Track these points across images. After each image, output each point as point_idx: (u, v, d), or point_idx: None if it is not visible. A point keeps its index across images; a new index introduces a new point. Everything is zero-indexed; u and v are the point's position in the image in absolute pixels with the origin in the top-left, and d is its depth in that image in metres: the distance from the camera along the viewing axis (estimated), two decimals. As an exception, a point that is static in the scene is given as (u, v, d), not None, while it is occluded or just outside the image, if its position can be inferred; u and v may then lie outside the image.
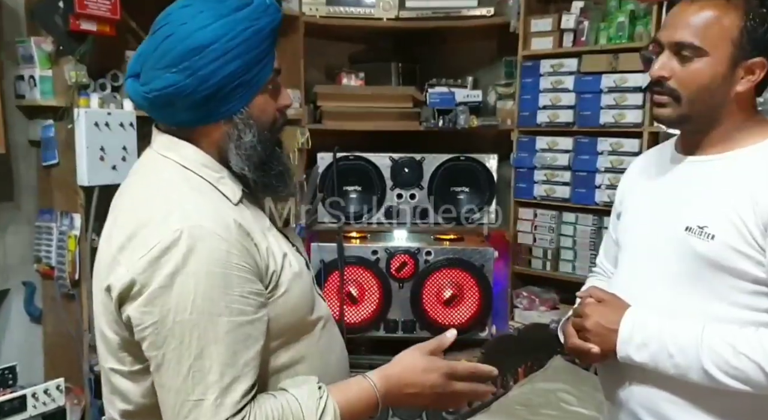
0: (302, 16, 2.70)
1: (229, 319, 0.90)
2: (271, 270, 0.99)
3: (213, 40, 0.93)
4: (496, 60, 2.98)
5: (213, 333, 0.89)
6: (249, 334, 0.92)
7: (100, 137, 2.00)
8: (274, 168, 1.04)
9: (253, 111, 1.00)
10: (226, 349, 0.90)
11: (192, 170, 0.99)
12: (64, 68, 1.96)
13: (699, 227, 1.10)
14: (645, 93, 2.38)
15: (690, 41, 1.10)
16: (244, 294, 0.92)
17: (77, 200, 2.02)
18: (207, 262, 0.90)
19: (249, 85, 0.98)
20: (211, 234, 0.91)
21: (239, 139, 1.00)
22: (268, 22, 0.98)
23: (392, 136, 2.89)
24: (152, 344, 0.91)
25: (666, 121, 1.17)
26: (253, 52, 0.96)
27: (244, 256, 0.93)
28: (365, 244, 2.69)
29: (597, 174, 2.53)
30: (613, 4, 2.51)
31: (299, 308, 1.03)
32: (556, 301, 2.75)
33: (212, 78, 0.94)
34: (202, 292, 0.89)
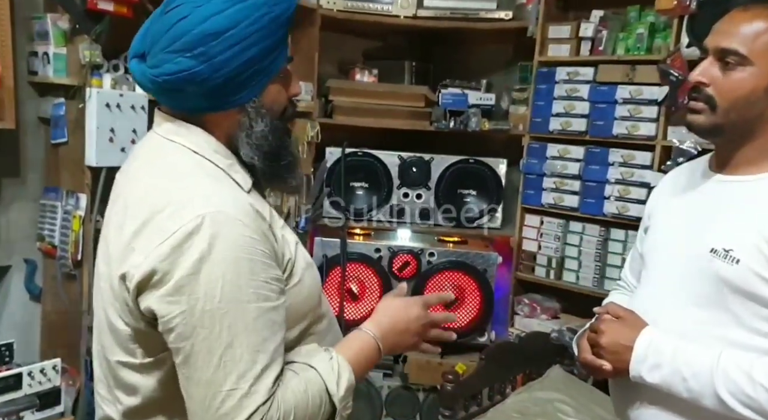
0: (319, 9, 2.69)
1: (257, 305, 0.88)
2: (287, 257, 0.98)
3: (230, 26, 0.90)
4: (512, 64, 2.96)
5: (243, 321, 0.87)
6: (275, 320, 0.91)
7: (110, 118, 1.99)
8: (283, 158, 1.02)
9: (266, 100, 0.98)
10: (256, 336, 0.88)
11: (204, 156, 0.96)
12: (79, 47, 1.94)
13: (725, 250, 1.08)
14: (660, 106, 2.36)
15: (735, 49, 1.08)
16: (268, 280, 0.91)
17: (84, 180, 2.01)
18: (233, 248, 0.87)
19: (264, 73, 0.96)
20: (234, 220, 0.89)
21: (250, 128, 0.97)
22: (285, 8, 0.96)
23: (402, 135, 2.87)
24: (180, 335, 0.87)
25: (698, 129, 1.15)
26: (269, 40, 0.94)
27: (265, 242, 0.92)
28: (369, 242, 2.68)
29: (607, 185, 2.51)
30: (633, 15, 2.49)
31: (311, 298, 1.03)
32: (557, 310, 2.74)
33: (228, 65, 0.91)
34: (231, 279, 0.87)
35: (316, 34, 2.68)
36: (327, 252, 2.60)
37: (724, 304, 1.08)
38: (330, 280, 2.60)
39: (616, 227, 2.51)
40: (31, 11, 1.99)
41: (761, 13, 1.08)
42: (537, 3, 2.64)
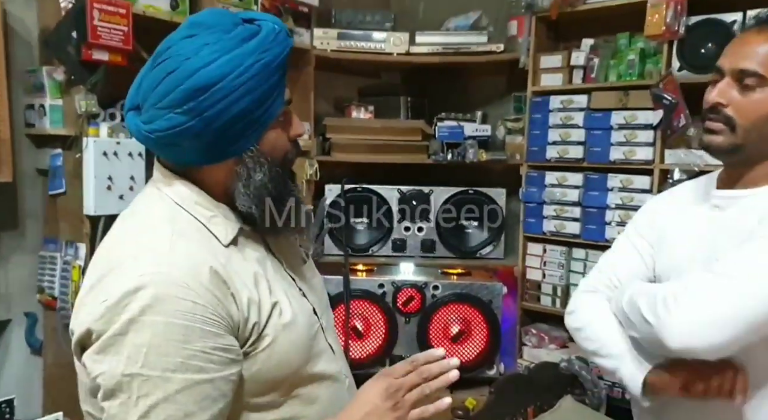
0: (313, 50, 2.72)
1: (184, 376, 0.83)
2: (252, 322, 0.91)
3: (219, 78, 0.87)
4: (506, 95, 2.99)
5: (163, 391, 0.82)
6: (207, 394, 0.84)
7: (108, 166, 2.00)
8: (285, 204, 0.98)
9: (265, 147, 0.95)
10: (177, 409, 0.82)
11: (184, 208, 0.93)
12: (75, 97, 1.96)
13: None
14: (656, 130, 2.37)
15: (754, 69, 1.09)
16: (206, 349, 0.84)
17: (83, 229, 2.00)
18: (167, 313, 0.83)
19: (259, 121, 0.92)
20: (178, 283, 0.84)
21: (249, 177, 0.94)
22: (278, 52, 0.92)
23: (401, 169, 2.88)
24: (103, 395, 0.84)
25: (716, 149, 1.15)
26: (262, 87, 0.90)
27: (214, 307, 0.86)
28: (372, 277, 2.66)
29: (607, 210, 2.50)
30: (623, 42, 2.52)
31: (287, 362, 0.94)
32: (565, 339, 2.70)
33: (220, 119, 0.88)
34: (158, 344, 0.82)
35: (311, 73, 2.72)
36: (330, 290, 2.57)
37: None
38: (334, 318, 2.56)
39: (619, 253, 2.49)
40: (26, 64, 2.02)
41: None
42: (528, 35, 2.67)
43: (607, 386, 2.37)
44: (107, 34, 1.94)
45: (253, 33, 0.91)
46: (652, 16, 2.27)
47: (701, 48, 2.24)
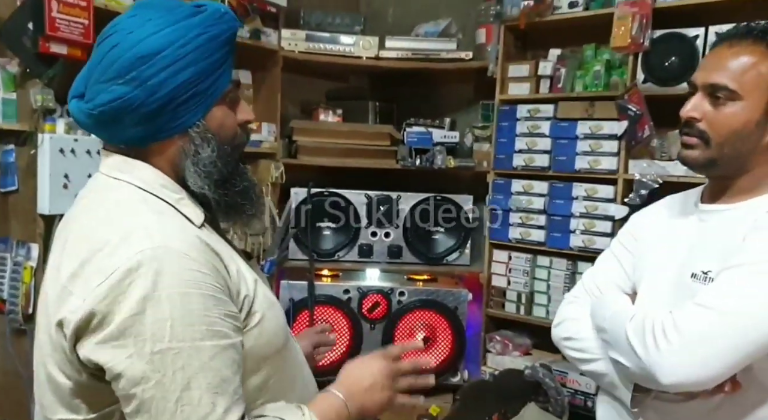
0: (281, 51, 2.68)
1: (213, 343, 0.83)
2: (243, 294, 0.91)
3: (163, 47, 0.87)
4: (474, 103, 3.00)
5: (198, 360, 0.81)
6: (234, 358, 0.86)
7: (64, 164, 1.92)
8: (237, 184, 0.97)
9: (211, 124, 0.94)
10: (214, 376, 0.82)
11: (149, 192, 0.91)
12: (30, 92, 1.88)
13: (703, 272, 1.11)
14: (620, 140, 2.41)
15: (725, 84, 1.10)
16: (222, 316, 0.85)
17: (36, 229, 1.92)
18: (180, 284, 0.82)
19: (204, 95, 0.91)
20: (179, 254, 0.84)
21: (196, 154, 0.92)
22: (224, 29, 0.92)
23: (368, 174, 2.86)
24: (129, 381, 0.80)
25: (692, 164, 1.16)
26: (207, 60, 0.90)
27: (217, 276, 0.87)
28: (337, 283, 2.62)
29: (572, 219, 2.52)
30: (589, 53, 2.56)
31: (275, 339, 0.97)
32: (529, 346, 2.71)
33: (163, 88, 0.87)
34: (180, 316, 0.81)
35: (278, 75, 2.67)
36: (294, 295, 2.53)
37: None
38: (297, 324, 2.52)
39: (582, 260, 2.52)
40: (-22, 55, 1.93)
41: (746, 49, 1.11)
42: (496, 43, 2.69)
43: (569, 394, 2.39)
44: (66, 26, 1.87)
45: (197, 11, 0.92)
46: (618, 29, 2.31)
47: (665, 61, 2.28)
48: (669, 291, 1.17)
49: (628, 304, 1.21)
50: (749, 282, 1.03)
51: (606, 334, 1.17)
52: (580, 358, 1.26)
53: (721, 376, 1.02)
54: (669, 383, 1.03)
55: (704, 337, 1.01)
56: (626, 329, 1.09)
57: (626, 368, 1.11)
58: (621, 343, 1.10)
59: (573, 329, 1.28)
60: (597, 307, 1.24)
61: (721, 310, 1.02)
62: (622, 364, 1.11)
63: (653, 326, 1.05)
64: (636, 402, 1.16)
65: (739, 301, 1.02)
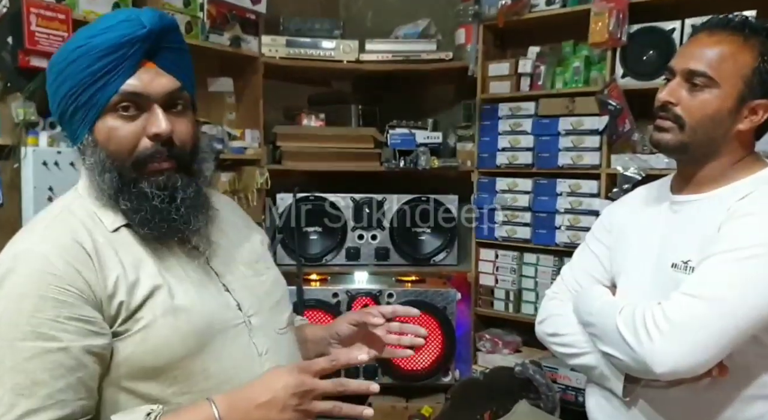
0: (261, 58, 2.69)
1: (34, 344, 0.83)
2: (118, 299, 0.90)
3: (54, 62, 0.94)
4: (455, 103, 3.02)
5: (11, 359, 0.83)
6: (60, 362, 0.84)
7: (48, 177, 1.92)
8: (131, 198, 0.93)
9: (99, 135, 0.93)
10: (24, 377, 0.82)
11: (82, 195, 0.98)
12: (11, 106, 1.88)
13: (683, 262, 1.13)
14: (602, 135, 2.43)
15: (703, 70, 1.12)
16: (59, 319, 0.85)
17: (21, 243, 1.90)
18: (22, 284, 0.85)
19: (85, 107, 0.92)
20: (38, 256, 0.87)
21: (90, 165, 0.94)
22: (108, 38, 0.90)
23: (353, 177, 2.87)
24: None
25: (664, 147, 1.19)
26: (84, 72, 0.90)
27: (73, 279, 0.87)
28: (325, 287, 2.63)
29: (557, 215, 2.54)
30: (568, 50, 2.58)
31: (167, 348, 0.91)
32: (518, 343, 2.73)
33: (53, 100, 0.95)
34: (9, 315, 0.84)
35: (260, 81, 2.68)
36: (283, 300, 2.53)
37: None
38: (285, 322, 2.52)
39: (569, 256, 2.48)
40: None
41: (725, 39, 1.14)
42: (475, 43, 2.71)
43: (560, 390, 2.41)
44: (46, 39, 1.87)
45: (96, 22, 0.95)
46: (595, 24, 2.34)
47: (643, 55, 2.31)
48: (650, 282, 1.19)
49: (612, 297, 1.22)
50: (731, 269, 1.05)
51: (594, 327, 1.19)
52: (567, 352, 1.28)
53: (712, 362, 1.05)
54: (663, 372, 1.05)
55: (694, 325, 1.03)
56: (616, 322, 1.11)
57: (619, 361, 1.12)
58: (611, 336, 1.12)
59: (558, 325, 1.30)
60: (580, 301, 1.26)
61: (707, 297, 1.05)
62: (613, 356, 1.13)
63: (644, 318, 1.07)
64: (626, 391, 1.18)
65: (724, 288, 1.05)
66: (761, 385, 1.11)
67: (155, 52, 0.93)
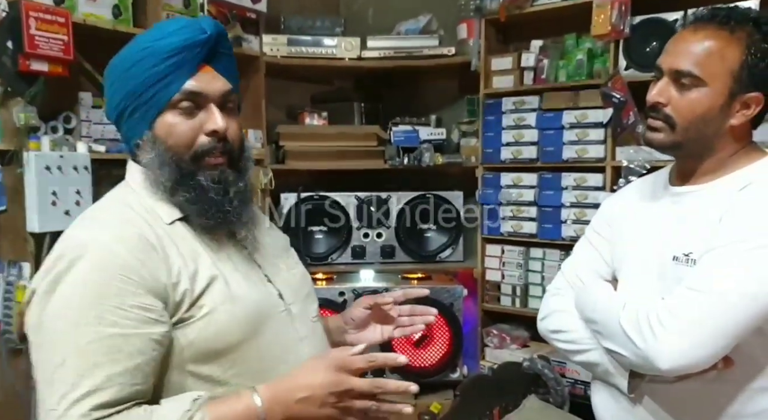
0: (263, 57, 2.68)
1: (96, 329, 0.88)
2: (182, 288, 0.95)
3: (116, 62, 1.00)
4: (459, 98, 3.00)
5: (75, 343, 0.88)
6: (119, 347, 0.89)
7: (51, 181, 1.92)
8: (189, 191, 1.00)
9: (159, 132, 0.99)
10: (85, 360, 0.87)
11: (136, 190, 1.02)
12: (13, 110, 1.87)
13: (684, 255, 1.12)
14: (606, 128, 2.41)
15: (689, 70, 1.10)
16: (122, 306, 0.90)
17: (27, 248, 1.91)
18: (88, 272, 0.89)
19: (147, 105, 0.98)
20: (103, 244, 0.91)
21: (149, 161, 1.00)
22: (171, 42, 0.97)
23: (357, 175, 2.86)
24: (32, 345, 0.92)
25: (658, 146, 1.18)
26: (148, 72, 0.97)
27: (137, 269, 0.91)
28: (332, 286, 2.62)
29: (563, 209, 2.53)
30: (570, 43, 2.56)
31: (226, 334, 0.97)
32: (526, 338, 2.72)
33: (113, 99, 1.00)
34: (77, 300, 0.89)
35: (262, 81, 2.67)
36: (289, 300, 2.53)
37: None
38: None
39: (576, 250, 2.52)
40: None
41: (711, 34, 1.11)
42: (477, 37, 2.69)
43: (569, 384, 2.40)
44: (46, 43, 1.86)
45: (157, 27, 1.02)
46: (598, 17, 2.32)
47: (646, 47, 2.29)
48: (652, 275, 1.18)
49: (614, 293, 1.21)
50: (734, 261, 1.04)
51: (597, 324, 1.17)
52: (571, 349, 1.26)
53: (718, 356, 1.04)
54: (669, 368, 1.04)
55: (699, 320, 1.02)
56: (620, 319, 1.10)
57: (623, 357, 1.11)
58: (615, 333, 1.11)
59: (561, 321, 1.29)
60: (582, 298, 1.25)
61: (711, 291, 1.03)
62: (618, 353, 1.12)
63: (647, 314, 1.06)
64: (632, 387, 1.17)
65: (727, 281, 1.03)
66: (767, 378, 1.10)
67: (212, 56, 1.01)
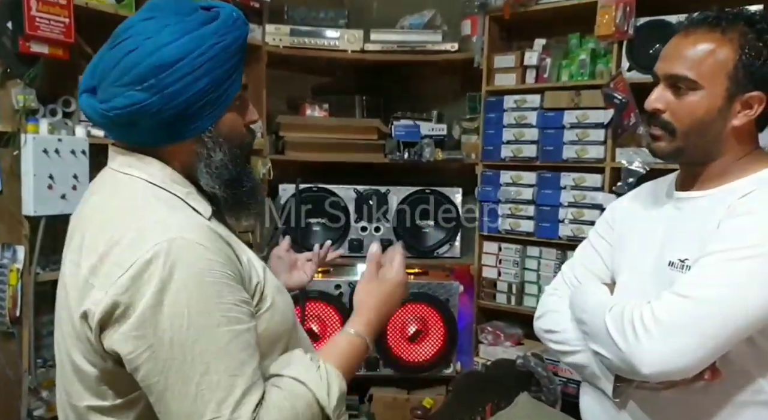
0: (265, 46, 2.67)
1: (229, 328, 0.86)
2: (255, 281, 0.95)
3: (180, 57, 0.89)
4: (460, 95, 2.99)
5: (215, 346, 0.84)
6: (250, 342, 0.88)
7: (49, 165, 1.90)
8: (245, 184, 1.01)
9: (223, 129, 0.97)
10: (232, 359, 0.85)
11: (160, 186, 0.95)
12: (11, 92, 1.85)
13: (680, 260, 1.11)
14: (607, 129, 2.41)
15: (684, 74, 1.10)
16: (237, 302, 0.88)
17: (21, 231, 1.89)
18: (195, 274, 0.85)
19: (217, 102, 0.94)
20: (194, 244, 0.86)
21: (209, 157, 0.96)
22: (236, 37, 0.95)
23: (357, 168, 2.85)
24: (151, 371, 0.84)
25: (660, 155, 1.17)
26: (221, 69, 0.93)
27: (230, 264, 0.89)
28: (328, 278, 2.62)
29: (560, 208, 2.53)
30: (574, 43, 2.56)
31: (285, 321, 1.00)
32: (520, 336, 2.72)
33: (180, 96, 0.90)
34: (197, 304, 0.84)
35: (263, 70, 2.66)
36: (285, 291, 2.52)
37: None
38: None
39: (571, 250, 2.48)
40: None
41: (702, 37, 1.11)
42: (481, 34, 2.69)
43: (562, 382, 2.40)
44: (47, 25, 1.84)
45: (212, 17, 0.94)
46: (602, 17, 2.32)
47: (649, 48, 2.29)
48: (648, 280, 1.17)
49: (606, 295, 1.20)
50: (725, 269, 1.02)
51: (585, 325, 1.17)
52: (561, 350, 1.26)
53: (701, 365, 1.03)
54: (650, 373, 1.03)
55: (683, 326, 1.01)
56: (605, 320, 1.09)
57: (607, 359, 1.11)
58: (600, 334, 1.10)
59: (554, 321, 1.28)
60: (575, 298, 1.24)
61: (698, 298, 1.02)
62: (602, 355, 1.11)
63: (632, 317, 1.05)
64: (618, 392, 1.16)
65: (715, 289, 1.02)
66: (756, 391, 1.08)
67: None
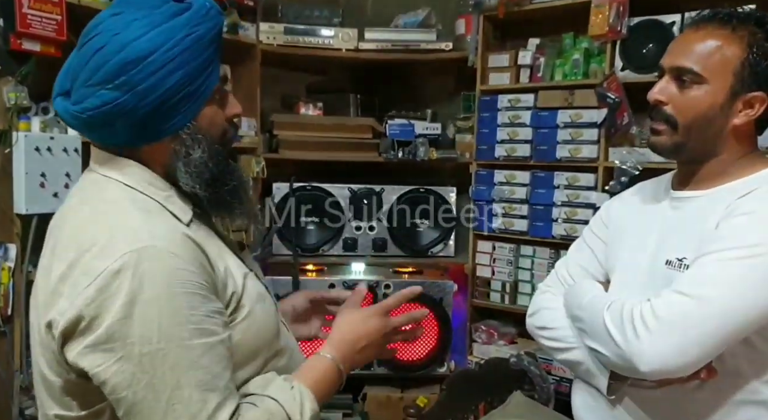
0: (259, 45, 2.66)
1: (201, 341, 0.83)
2: (230, 290, 0.92)
3: (151, 51, 0.85)
4: (455, 94, 2.99)
5: (187, 359, 0.82)
6: (223, 354, 0.86)
7: (41, 163, 1.89)
8: (228, 183, 0.97)
9: (202, 124, 0.93)
10: (204, 373, 0.82)
11: (137, 189, 0.91)
12: (3, 89, 1.84)
13: (678, 259, 1.11)
14: (600, 128, 2.42)
15: (690, 67, 1.10)
16: (209, 313, 0.85)
17: (13, 229, 1.88)
18: (166, 284, 0.82)
19: (194, 97, 0.90)
20: (165, 253, 0.83)
21: (188, 155, 0.92)
22: (210, 27, 0.91)
23: (351, 167, 2.85)
24: (120, 384, 0.80)
25: (661, 149, 1.17)
26: (195, 62, 0.89)
27: (202, 274, 0.86)
28: (322, 278, 2.62)
29: (554, 208, 2.53)
30: (568, 42, 2.56)
31: (264, 332, 0.97)
32: (514, 335, 2.72)
33: (153, 92, 0.86)
34: (168, 316, 0.81)
35: (257, 69, 2.65)
36: (278, 291, 2.51)
37: None
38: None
39: (565, 249, 2.50)
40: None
41: (712, 32, 1.11)
42: (475, 33, 2.69)
43: (555, 381, 2.41)
44: (38, 23, 1.84)
45: (183, 9, 0.90)
46: (595, 17, 2.32)
47: (642, 48, 2.30)
48: (643, 278, 1.17)
49: (602, 292, 1.21)
50: (724, 269, 1.03)
51: (582, 322, 1.17)
52: (555, 347, 1.26)
53: (699, 363, 1.03)
54: (648, 371, 1.03)
55: (682, 325, 1.02)
56: (604, 318, 1.09)
57: (604, 357, 1.11)
58: (598, 331, 1.11)
59: (548, 318, 1.29)
60: (570, 295, 1.25)
61: (698, 297, 1.02)
62: (599, 352, 1.12)
63: (632, 314, 1.05)
64: (612, 390, 1.16)
65: (715, 288, 1.02)
66: (751, 391, 1.09)
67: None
